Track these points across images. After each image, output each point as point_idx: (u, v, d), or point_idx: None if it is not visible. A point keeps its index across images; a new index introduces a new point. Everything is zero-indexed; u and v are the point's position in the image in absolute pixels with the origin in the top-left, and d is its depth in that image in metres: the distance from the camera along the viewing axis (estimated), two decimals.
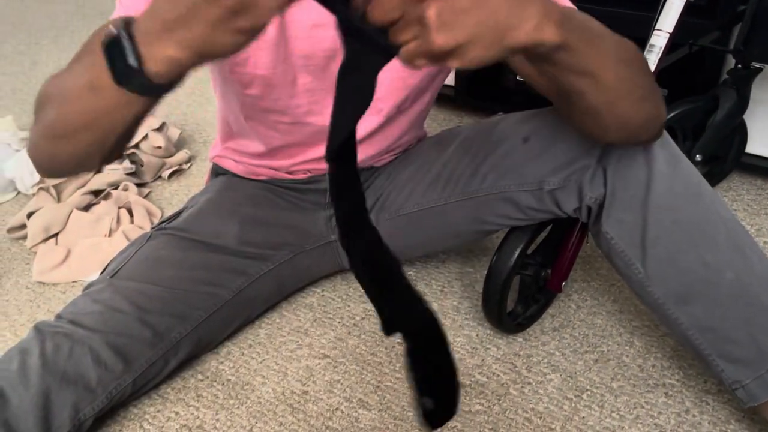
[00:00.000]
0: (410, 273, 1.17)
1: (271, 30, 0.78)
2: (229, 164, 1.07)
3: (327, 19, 0.51)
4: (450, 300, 1.11)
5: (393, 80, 0.88)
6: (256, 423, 0.91)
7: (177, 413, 0.93)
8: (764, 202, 1.24)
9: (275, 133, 0.95)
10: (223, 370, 1.00)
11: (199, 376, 0.99)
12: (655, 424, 0.86)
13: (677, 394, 0.90)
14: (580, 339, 1.00)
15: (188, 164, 1.57)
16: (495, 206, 0.92)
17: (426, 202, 0.99)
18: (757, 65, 1.14)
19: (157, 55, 0.50)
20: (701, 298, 0.76)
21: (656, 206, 0.76)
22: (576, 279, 1.11)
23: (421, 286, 1.14)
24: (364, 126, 0.92)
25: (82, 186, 1.35)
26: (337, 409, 0.92)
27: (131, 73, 0.51)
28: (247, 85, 0.86)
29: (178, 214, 1.03)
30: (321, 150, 0.91)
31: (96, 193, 1.36)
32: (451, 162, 0.96)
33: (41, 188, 1.34)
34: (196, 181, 1.51)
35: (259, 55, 0.82)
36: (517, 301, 1.03)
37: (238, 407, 0.94)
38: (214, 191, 1.07)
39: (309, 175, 1.03)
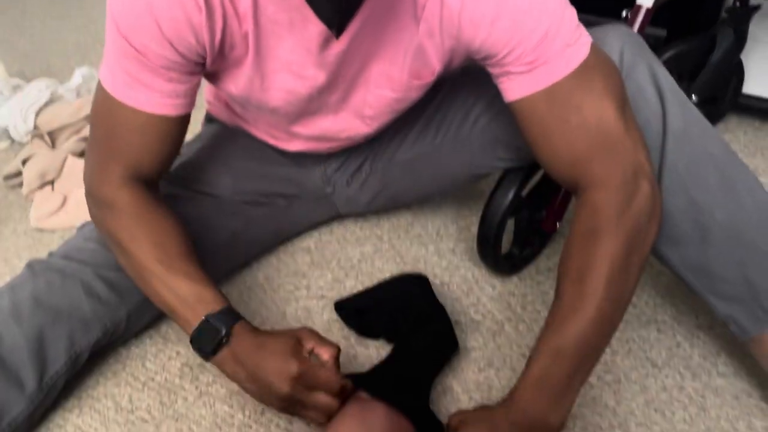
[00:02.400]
0: (407, 216, 1.18)
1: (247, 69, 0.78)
2: (222, 116, 1.06)
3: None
4: (446, 242, 1.12)
5: (382, 105, 0.85)
6: None
7: (178, 353, 0.95)
8: (761, 143, 1.24)
9: (264, 118, 0.94)
10: None
11: None
12: (646, 357, 0.88)
13: (669, 330, 0.92)
14: None
15: None
16: (488, 148, 0.92)
17: (418, 148, 0.99)
18: (756, 2, 1.12)
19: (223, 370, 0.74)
20: (692, 238, 0.76)
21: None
22: (570, 220, 1.12)
23: (417, 229, 1.15)
24: (355, 131, 0.91)
25: (77, 132, 1.35)
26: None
27: (203, 354, 0.74)
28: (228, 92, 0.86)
29: None
30: (318, 134, 0.92)
31: None
32: (441, 107, 0.95)
33: (35, 135, 1.33)
34: (190, 128, 1.49)
35: (237, 79, 0.81)
36: (512, 243, 1.03)
37: None
38: (207, 140, 1.06)
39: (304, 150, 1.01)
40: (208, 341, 0.73)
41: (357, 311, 0.95)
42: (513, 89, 0.71)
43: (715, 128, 1.27)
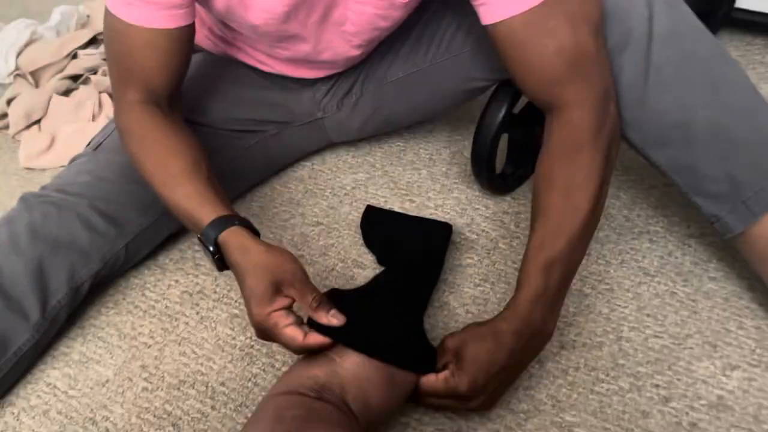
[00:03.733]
0: (399, 143, 1.17)
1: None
2: (206, 44, 1.04)
3: None
4: (439, 166, 1.12)
5: (363, 22, 0.84)
6: None
7: (177, 281, 0.96)
8: (753, 57, 1.24)
9: (248, 40, 0.93)
10: None
11: (196, 248, 1.01)
12: (639, 267, 0.90)
13: (661, 240, 0.93)
14: None
15: None
16: (480, 61, 0.91)
17: (410, 66, 0.97)
18: None
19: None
20: (678, 139, 0.77)
21: (631, 50, 0.75)
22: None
23: (409, 155, 1.15)
24: (343, 55, 0.91)
25: (60, 72, 1.32)
26: (333, 269, 0.95)
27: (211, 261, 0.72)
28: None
29: None
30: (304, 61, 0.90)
31: (74, 78, 1.33)
32: (431, 23, 0.94)
33: (18, 75, 1.31)
34: None
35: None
36: (505, 162, 1.04)
37: None
38: (195, 69, 1.03)
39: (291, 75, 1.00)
40: (210, 260, 0.73)
41: (380, 230, 0.97)
42: (491, 13, 0.71)
43: None
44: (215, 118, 0.98)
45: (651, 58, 0.74)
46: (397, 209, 1.04)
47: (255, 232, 0.72)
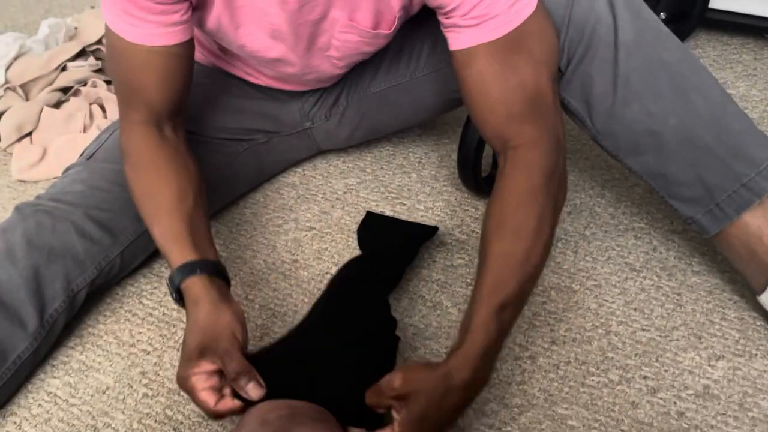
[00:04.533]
0: (388, 148, 1.19)
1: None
2: (196, 55, 1.05)
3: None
4: (428, 170, 1.14)
5: (348, 48, 0.86)
6: (251, 291, 0.95)
7: None
8: (729, 57, 1.27)
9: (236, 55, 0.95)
10: None
11: None
12: (625, 263, 0.92)
13: (645, 236, 0.96)
14: None
15: None
16: None
17: (392, 79, 1.00)
18: None
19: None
20: (649, 146, 0.78)
21: (600, 60, 0.76)
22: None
23: (399, 159, 1.17)
24: (328, 74, 0.94)
25: (50, 84, 1.33)
26: (326, 273, 0.97)
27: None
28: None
29: None
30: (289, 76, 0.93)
31: (64, 90, 1.34)
32: (410, 37, 0.96)
33: (8, 88, 1.32)
34: None
35: (209, 14, 0.81)
36: (492, 165, 1.06)
37: (232, 279, 0.97)
38: None
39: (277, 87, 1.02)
40: (175, 301, 0.75)
41: (377, 237, 0.98)
42: (459, 39, 0.72)
43: (686, 44, 1.30)
44: (204, 126, 1.00)
45: (618, 68, 0.76)
46: (388, 213, 1.06)
47: (224, 277, 0.75)
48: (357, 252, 0.99)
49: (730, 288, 0.87)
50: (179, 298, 0.73)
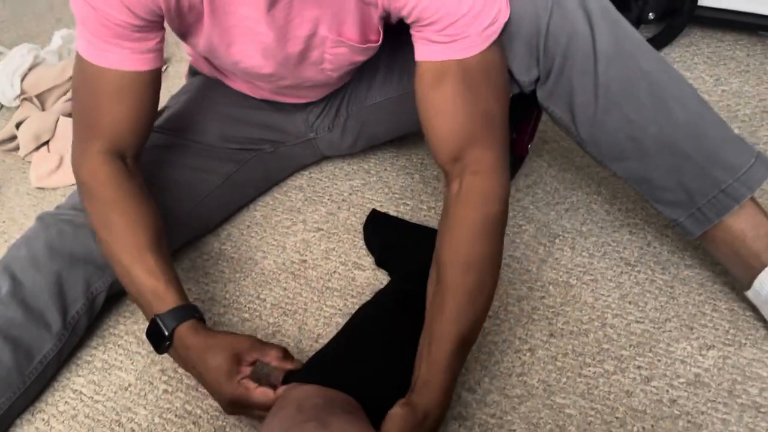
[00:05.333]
0: (391, 150, 1.23)
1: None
2: (203, 68, 1.09)
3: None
4: (430, 170, 1.18)
5: (340, 61, 0.89)
6: (262, 290, 1.00)
7: (189, 289, 1.02)
8: (723, 53, 1.30)
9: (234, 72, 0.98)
10: (225, 249, 1.08)
11: (205, 257, 1.07)
12: (620, 257, 0.96)
13: (640, 231, 0.99)
14: (552, 192, 1.09)
15: (165, 67, 1.59)
16: None
17: (386, 92, 1.03)
18: None
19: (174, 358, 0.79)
20: (631, 153, 0.81)
21: (579, 70, 0.78)
22: (547, 140, 1.18)
23: (401, 161, 1.21)
24: (324, 82, 0.97)
25: (65, 94, 1.38)
26: (334, 272, 1.01)
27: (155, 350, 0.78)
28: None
29: (159, 113, 1.06)
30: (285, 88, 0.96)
31: None
32: (401, 51, 0.96)
33: (24, 99, 1.36)
34: (175, 83, 1.53)
35: (199, 36, 0.84)
36: None
37: (243, 279, 1.02)
38: (194, 91, 1.09)
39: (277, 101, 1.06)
40: (155, 341, 0.77)
41: (382, 235, 1.02)
42: (428, 52, 0.74)
43: (679, 43, 1.33)
44: (213, 137, 1.04)
45: (598, 77, 0.77)
46: (392, 213, 1.10)
47: (203, 320, 0.79)
48: (364, 252, 1.04)
49: (722, 280, 0.90)
50: (169, 339, 0.75)
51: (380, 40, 0.86)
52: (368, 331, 0.80)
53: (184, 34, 0.85)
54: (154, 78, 0.82)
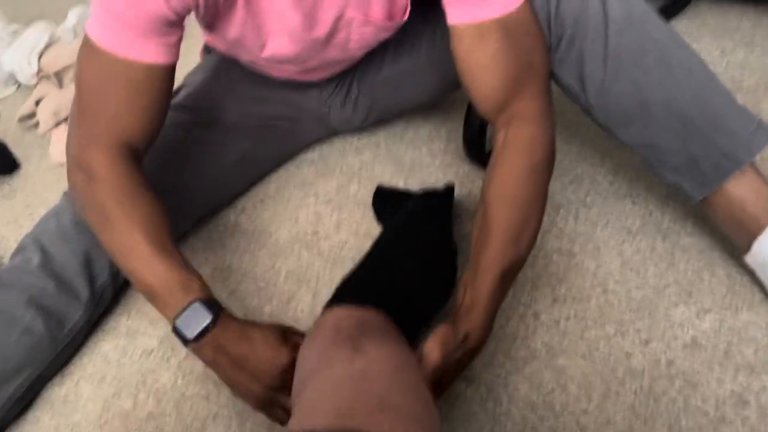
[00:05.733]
0: (400, 124, 1.26)
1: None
2: (220, 45, 1.10)
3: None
4: (437, 144, 1.21)
5: (366, 39, 0.91)
6: (277, 260, 1.04)
7: (207, 259, 1.06)
8: (727, 24, 1.31)
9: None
10: (241, 221, 1.12)
11: (221, 228, 1.11)
12: (623, 226, 0.99)
13: (642, 201, 1.02)
14: (557, 165, 1.07)
15: None
16: None
17: (396, 68, 1.06)
18: None
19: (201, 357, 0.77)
20: (637, 119, 0.83)
21: (591, 38, 0.80)
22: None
23: (410, 135, 1.24)
24: (347, 61, 1.00)
25: None
26: (346, 242, 1.05)
27: (184, 338, 0.75)
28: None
29: (176, 92, 1.08)
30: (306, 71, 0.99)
31: None
32: (410, 29, 0.99)
33: (42, 76, 1.40)
34: (189, 60, 1.55)
35: (232, 23, 0.85)
36: None
37: (259, 250, 1.06)
38: (210, 69, 1.12)
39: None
40: (195, 326, 0.74)
41: (389, 204, 1.07)
42: (464, 15, 0.75)
43: (686, 16, 1.34)
44: (232, 114, 1.07)
45: (608, 45, 0.80)
46: (401, 186, 1.13)
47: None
48: (374, 223, 1.07)
49: (720, 247, 0.93)
50: (205, 322, 0.74)
51: (406, 16, 0.88)
52: (390, 253, 0.85)
53: (213, 24, 0.86)
54: (172, 72, 0.81)
